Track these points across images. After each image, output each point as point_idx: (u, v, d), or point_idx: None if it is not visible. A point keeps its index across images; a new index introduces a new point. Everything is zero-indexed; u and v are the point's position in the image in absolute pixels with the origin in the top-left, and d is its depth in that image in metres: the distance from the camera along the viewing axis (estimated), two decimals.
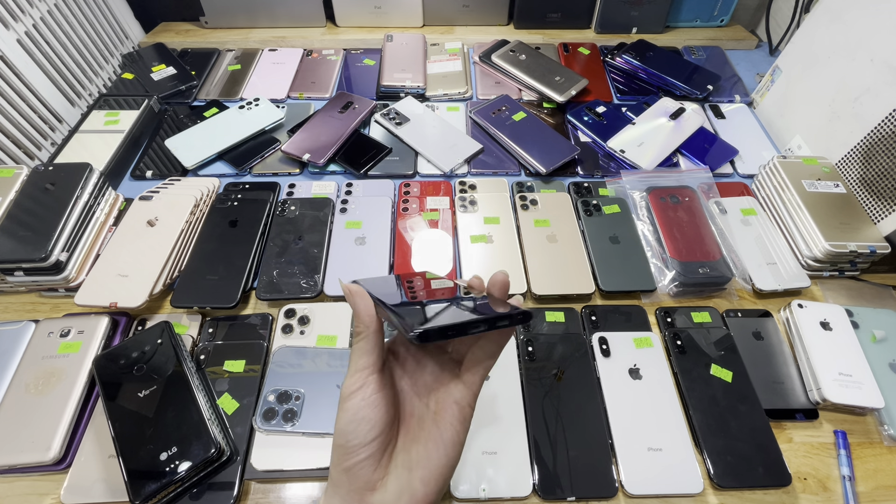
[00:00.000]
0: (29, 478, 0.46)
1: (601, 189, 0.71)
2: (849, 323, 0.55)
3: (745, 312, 0.58)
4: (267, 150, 0.75)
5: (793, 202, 0.64)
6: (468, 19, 1.00)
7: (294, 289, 0.58)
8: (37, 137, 0.73)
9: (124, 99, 0.80)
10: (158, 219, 0.61)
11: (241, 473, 0.46)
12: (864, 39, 0.64)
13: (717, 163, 0.75)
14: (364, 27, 0.99)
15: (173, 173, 0.73)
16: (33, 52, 0.73)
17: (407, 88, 0.86)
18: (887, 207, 0.60)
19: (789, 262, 0.62)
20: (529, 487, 0.45)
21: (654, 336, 0.55)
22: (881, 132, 0.61)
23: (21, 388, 0.49)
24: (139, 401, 0.46)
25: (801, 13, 0.90)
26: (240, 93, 0.86)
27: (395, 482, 0.28)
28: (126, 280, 0.55)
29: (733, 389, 0.51)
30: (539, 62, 0.88)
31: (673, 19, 1.01)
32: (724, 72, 0.91)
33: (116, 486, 0.43)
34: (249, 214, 0.64)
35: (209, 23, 0.98)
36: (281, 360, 0.51)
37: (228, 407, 0.49)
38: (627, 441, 0.48)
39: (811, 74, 0.73)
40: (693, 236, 0.63)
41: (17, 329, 0.54)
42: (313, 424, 0.47)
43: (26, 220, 0.57)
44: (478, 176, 0.73)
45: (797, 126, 0.76)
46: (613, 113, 0.81)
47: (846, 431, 0.50)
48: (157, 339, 0.51)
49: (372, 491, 0.28)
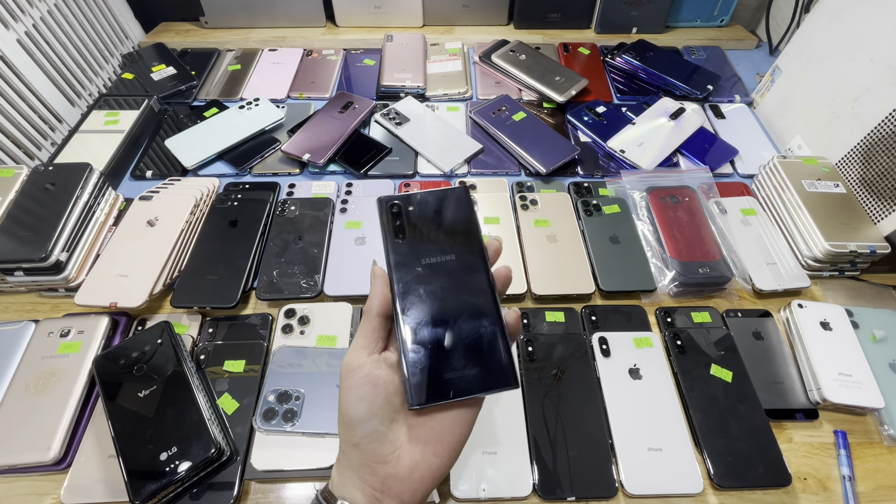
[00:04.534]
0: (29, 478, 0.46)
1: (601, 189, 0.71)
2: (849, 323, 0.55)
3: (745, 312, 0.58)
4: (267, 150, 0.75)
5: (793, 202, 0.64)
6: (468, 19, 1.00)
7: (294, 289, 0.58)
8: (37, 137, 0.73)
9: (124, 99, 0.80)
10: (158, 219, 0.61)
11: (241, 473, 0.46)
12: (864, 39, 0.64)
13: (717, 163, 0.75)
14: (364, 27, 0.99)
15: (173, 173, 0.73)
16: (33, 52, 0.73)
17: (407, 88, 0.86)
18: (887, 207, 0.60)
19: (789, 262, 0.62)
20: (529, 487, 0.45)
21: (654, 336, 0.55)
22: (881, 132, 0.61)
23: (21, 388, 0.49)
24: (139, 401, 0.46)
25: (801, 13, 0.90)
26: (240, 93, 0.86)
27: (409, 455, 0.28)
28: (126, 280, 0.55)
29: (733, 389, 0.51)
30: (539, 62, 0.88)
31: (673, 19, 1.01)
32: (724, 72, 0.91)
33: (116, 486, 0.43)
34: (249, 214, 0.64)
35: (209, 23, 0.98)
36: (281, 360, 0.51)
37: (228, 407, 0.49)
38: (627, 441, 0.48)
39: (811, 74, 0.73)
40: (693, 236, 0.63)
41: (17, 329, 0.54)
42: (313, 424, 0.47)
43: (26, 220, 0.57)
44: (478, 176, 0.73)
45: (797, 126, 0.76)
46: (613, 113, 0.81)
47: (846, 431, 0.50)
48: (157, 339, 0.51)
49: (384, 464, 0.28)
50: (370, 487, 0.28)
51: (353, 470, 0.28)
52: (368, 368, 0.28)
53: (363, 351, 0.29)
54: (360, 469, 0.28)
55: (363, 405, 0.28)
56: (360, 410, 0.28)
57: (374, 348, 0.29)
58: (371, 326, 0.29)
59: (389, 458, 0.28)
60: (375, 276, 0.30)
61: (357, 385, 0.28)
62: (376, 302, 0.29)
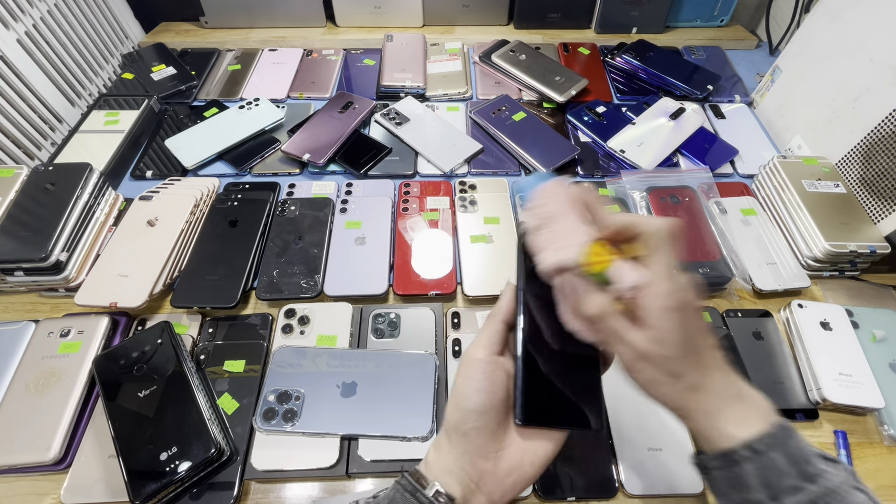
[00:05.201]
0: (29, 478, 0.46)
1: (601, 189, 0.71)
2: (849, 323, 0.55)
3: (745, 312, 0.58)
4: (267, 150, 0.75)
5: (793, 202, 0.64)
6: (468, 19, 1.00)
7: (294, 289, 0.58)
8: (37, 137, 0.73)
9: (124, 99, 0.80)
10: (158, 219, 0.61)
11: (241, 473, 0.46)
12: (864, 39, 0.64)
13: (717, 163, 0.75)
14: (364, 27, 0.99)
15: (173, 173, 0.73)
16: (33, 52, 0.73)
17: (407, 88, 0.86)
18: (887, 207, 0.60)
19: (789, 262, 0.62)
20: (529, 487, 0.45)
21: None
22: (881, 132, 0.61)
23: (21, 388, 0.49)
24: (139, 401, 0.46)
25: (801, 13, 0.90)
26: (240, 93, 0.86)
27: (509, 459, 0.30)
28: (126, 280, 0.55)
29: None
30: (539, 62, 0.88)
31: (673, 19, 1.01)
32: (724, 72, 0.91)
33: (116, 486, 0.43)
34: (249, 214, 0.64)
35: (209, 23, 0.98)
36: (281, 360, 0.51)
37: (228, 407, 0.49)
38: (627, 441, 0.48)
39: (811, 74, 0.73)
40: (693, 236, 0.63)
41: (17, 329, 0.54)
42: (313, 424, 0.47)
43: (26, 220, 0.57)
44: (478, 176, 0.73)
45: (797, 126, 0.76)
46: (613, 113, 0.81)
47: (846, 431, 0.50)
48: (157, 339, 0.51)
49: (485, 459, 0.30)
50: (468, 478, 0.29)
51: (454, 457, 0.30)
52: (489, 366, 0.30)
53: (486, 349, 0.31)
54: (462, 458, 0.30)
55: (480, 397, 0.29)
56: (478, 401, 0.29)
57: (495, 349, 0.31)
58: (495, 329, 0.32)
59: (492, 455, 0.30)
60: (508, 287, 0.33)
61: (477, 377, 0.30)
62: (504, 310, 0.32)
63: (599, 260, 0.28)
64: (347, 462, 0.47)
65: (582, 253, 0.28)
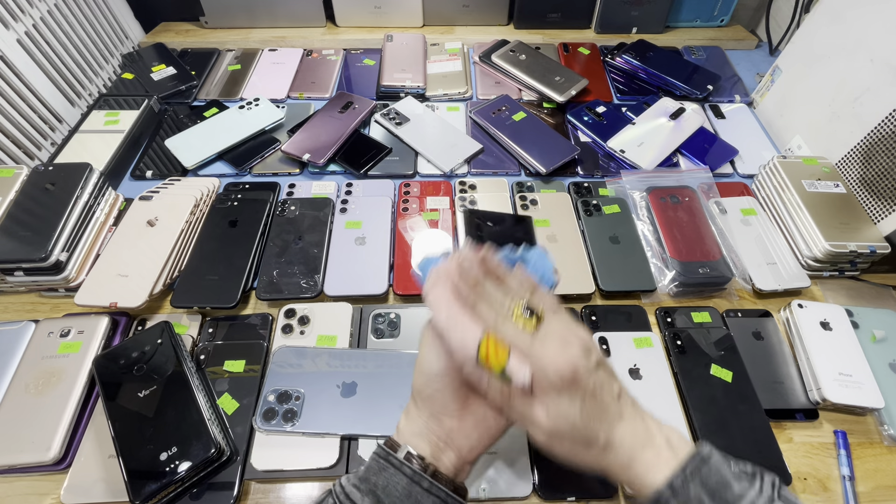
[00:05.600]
0: (29, 478, 0.46)
1: (601, 189, 0.71)
2: (849, 323, 0.55)
3: (745, 312, 0.58)
4: (267, 150, 0.75)
5: (793, 202, 0.64)
6: (468, 19, 1.00)
7: (294, 289, 0.58)
8: (37, 137, 0.73)
9: (124, 99, 0.80)
10: (158, 219, 0.61)
11: (241, 473, 0.46)
12: (864, 39, 0.64)
13: (717, 163, 0.75)
14: (364, 27, 0.99)
15: (173, 173, 0.73)
16: (33, 52, 0.73)
17: (407, 88, 0.86)
18: (887, 207, 0.60)
19: (789, 262, 0.62)
20: (529, 487, 0.45)
21: (654, 336, 0.55)
22: (881, 132, 0.61)
23: (21, 388, 0.49)
24: (139, 401, 0.46)
25: (801, 13, 0.90)
26: (240, 93, 0.86)
27: (473, 416, 0.33)
28: (126, 280, 0.55)
29: (733, 389, 0.51)
30: (539, 62, 0.88)
31: (673, 19, 1.01)
32: (724, 72, 0.91)
33: (116, 486, 0.43)
34: (249, 214, 0.64)
35: (209, 23, 0.98)
36: (281, 360, 0.51)
37: (228, 407, 0.49)
38: None
39: (811, 74, 0.73)
40: (693, 236, 0.63)
41: (17, 329, 0.54)
42: (313, 424, 0.47)
43: (26, 220, 0.57)
44: (478, 176, 0.73)
45: (797, 126, 0.76)
46: (613, 113, 0.81)
47: (846, 431, 0.50)
48: (157, 339, 0.51)
49: (450, 417, 0.33)
50: (436, 437, 0.32)
51: (423, 420, 0.33)
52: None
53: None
54: (430, 420, 0.33)
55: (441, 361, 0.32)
56: (438, 366, 0.32)
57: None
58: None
59: (456, 413, 0.33)
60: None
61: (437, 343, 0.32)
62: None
63: (496, 358, 0.28)
64: (347, 462, 0.47)
65: (480, 350, 0.29)
